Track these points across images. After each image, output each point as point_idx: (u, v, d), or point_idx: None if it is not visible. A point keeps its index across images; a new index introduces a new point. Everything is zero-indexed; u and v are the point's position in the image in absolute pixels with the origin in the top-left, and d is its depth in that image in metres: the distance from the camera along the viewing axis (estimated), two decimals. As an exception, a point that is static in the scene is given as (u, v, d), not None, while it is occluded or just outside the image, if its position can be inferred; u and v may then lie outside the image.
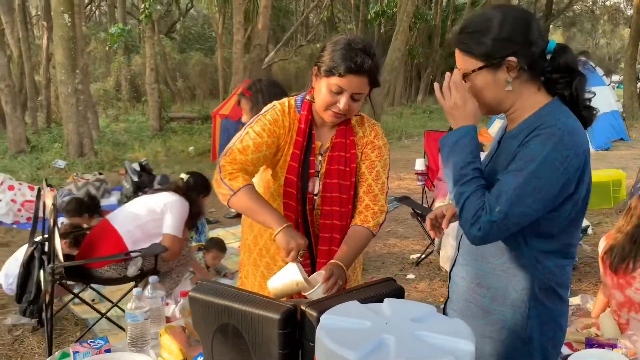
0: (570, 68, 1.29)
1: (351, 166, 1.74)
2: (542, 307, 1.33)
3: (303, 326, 1.28)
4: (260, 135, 1.68)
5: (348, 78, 1.59)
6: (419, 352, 0.93)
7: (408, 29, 11.59)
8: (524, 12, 1.33)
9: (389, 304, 1.13)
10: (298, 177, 1.71)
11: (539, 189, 1.21)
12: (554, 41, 1.31)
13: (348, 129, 1.75)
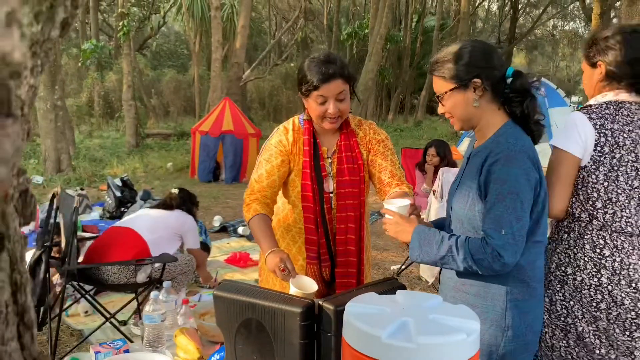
0: (524, 90, 1.54)
1: (358, 163, 1.95)
2: (517, 299, 1.54)
3: (321, 319, 1.44)
4: (269, 160, 1.94)
5: (324, 87, 1.81)
6: (435, 330, 1.11)
7: (380, 51, 11.98)
8: (488, 45, 1.61)
9: (402, 295, 1.31)
10: (312, 180, 1.92)
11: (521, 201, 1.44)
12: (512, 67, 1.54)
13: (349, 132, 1.97)
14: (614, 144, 1.63)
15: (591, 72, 1.77)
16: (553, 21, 30.70)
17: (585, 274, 1.68)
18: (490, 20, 30.59)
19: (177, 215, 3.47)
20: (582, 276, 1.69)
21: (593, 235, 1.67)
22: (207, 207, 6.69)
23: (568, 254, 1.73)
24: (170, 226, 3.37)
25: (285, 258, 1.74)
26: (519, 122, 1.55)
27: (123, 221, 3.47)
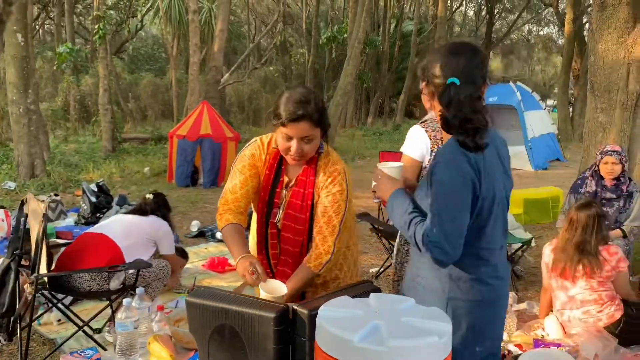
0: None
1: (307, 202, 1.94)
2: (458, 298, 1.60)
3: (295, 323, 1.44)
4: (243, 171, 1.97)
5: (291, 126, 1.80)
6: (407, 333, 1.11)
7: (359, 55, 12.04)
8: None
9: (375, 298, 1.31)
10: (264, 204, 1.99)
11: (455, 202, 1.50)
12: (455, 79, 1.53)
13: (311, 168, 1.94)
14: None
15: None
16: (528, 26, 31.31)
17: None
18: (467, 25, 31.02)
19: (151, 220, 3.43)
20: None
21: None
22: (184, 212, 6.62)
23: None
24: (145, 232, 3.33)
25: (254, 262, 1.78)
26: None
27: (96, 227, 3.40)
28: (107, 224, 3.34)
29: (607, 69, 4.86)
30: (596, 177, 3.91)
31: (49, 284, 2.85)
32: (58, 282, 2.94)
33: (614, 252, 3.09)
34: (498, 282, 1.65)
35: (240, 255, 1.82)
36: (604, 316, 3.07)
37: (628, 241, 3.79)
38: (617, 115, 4.79)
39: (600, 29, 4.92)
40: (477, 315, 1.62)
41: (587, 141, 5.19)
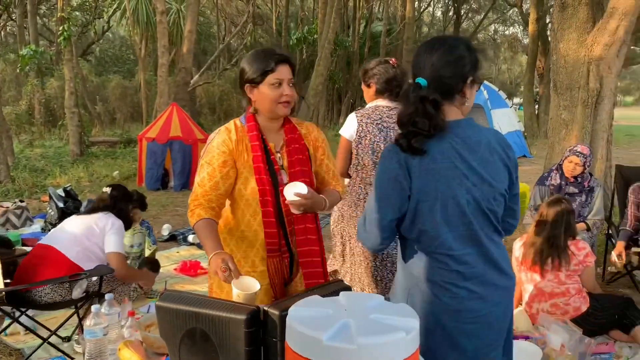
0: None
1: (305, 154, 2.02)
2: (415, 297, 1.60)
3: (266, 325, 1.44)
4: (210, 162, 1.91)
5: (279, 69, 1.88)
6: (376, 330, 1.13)
7: (329, 56, 12.09)
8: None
9: (345, 296, 1.32)
10: (266, 174, 1.92)
11: (380, 197, 1.57)
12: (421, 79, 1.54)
13: (292, 127, 2.03)
14: (366, 130, 2.64)
15: (368, 90, 2.77)
16: (494, 26, 31.94)
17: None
18: (435, 25, 31.44)
19: (97, 218, 3.09)
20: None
21: (356, 184, 2.70)
22: (155, 216, 6.53)
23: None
24: (94, 234, 3.03)
25: (227, 259, 1.73)
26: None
27: (46, 237, 3.15)
28: (55, 234, 3.10)
29: (569, 67, 5.00)
30: (560, 171, 4.02)
31: (6, 298, 2.74)
32: (17, 295, 2.82)
33: (582, 247, 3.18)
34: (464, 293, 1.54)
35: (213, 252, 1.76)
36: (571, 308, 3.16)
37: (591, 234, 3.91)
38: (579, 113, 4.94)
39: (561, 29, 5.06)
40: (432, 319, 1.56)
41: (551, 138, 5.34)
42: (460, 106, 1.58)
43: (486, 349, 1.58)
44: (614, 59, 4.82)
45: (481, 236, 1.54)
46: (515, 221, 1.67)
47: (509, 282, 1.62)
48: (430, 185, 1.51)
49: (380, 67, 2.70)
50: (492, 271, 1.56)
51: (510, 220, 1.65)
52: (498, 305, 1.58)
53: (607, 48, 4.75)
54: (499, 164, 1.54)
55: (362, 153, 2.64)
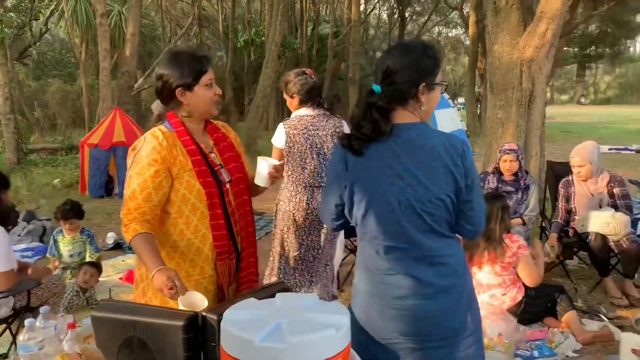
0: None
1: (234, 151, 2.07)
2: (361, 280, 1.71)
3: (205, 330, 1.45)
4: (141, 173, 1.85)
5: (210, 70, 1.94)
6: (307, 328, 1.17)
7: (277, 58, 12.10)
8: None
9: (281, 298, 1.36)
10: (210, 176, 1.93)
11: (326, 185, 1.76)
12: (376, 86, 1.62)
13: (214, 127, 2.07)
14: (294, 140, 2.96)
15: (291, 100, 3.04)
16: (438, 28, 32.89)
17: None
18: (381, 28, 32.04)
19: None
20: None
21: (289, 184, 3.05)
22: (100, 224, 6.35)
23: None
24: None
25: (173, 276, 1.69)
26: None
27: None
28: None
29: (503, 69, 5.24)
30: (497, 174, 4.22)
31: None
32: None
33: (516, 240, 3.35)
34: (392, 279, 1.61)
35: (155, 268, 1.71)
36: (508, 299, 3.32)
37: (527, 228, 4.12)
38: (513, 112, 5.18)
39: (495, 32, 5.30)
40: (358, 300, 1.70)
41: (489, 136, 5.57)
42: (415, 111, 1.61)
43: (414, 341, 1.61)
44: (544, 61, 5.09)
45: (413, 235, 1.58)
46: (472, 227, 1.63)
47: (450, 281, 1.62)
48: (362, 182, 1.61)
49: (300, 78, 2.98)
50: (425, 268, 1.59)
51: (465, 225, 1.62)
52: (430, 300, 1.60)
53: (538, 50, 5.01)
54: (441, 170, 1.55)
55: (292, 160, 3.00)
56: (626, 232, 3.74)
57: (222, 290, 2.01)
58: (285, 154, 2.99)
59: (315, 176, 3.02)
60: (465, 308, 1.66)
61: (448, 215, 1.58)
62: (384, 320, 1.62)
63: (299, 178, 3.02)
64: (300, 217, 3.04)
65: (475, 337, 1.68)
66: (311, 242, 3.12)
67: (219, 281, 1.98)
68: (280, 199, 3.12)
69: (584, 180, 4.06)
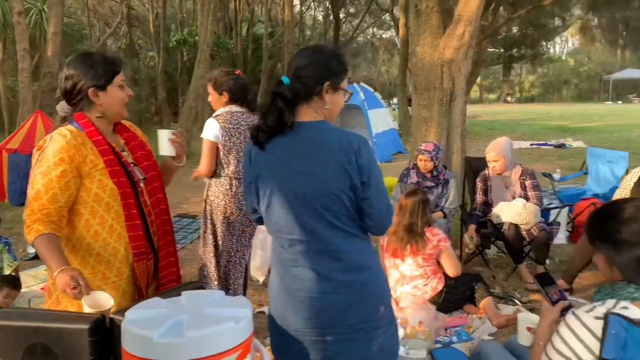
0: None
1: (146, 149, 2.09)
2: (272, 277, 1.79)
3: (112, 332, 1.44)
4: (47, 173, 1.81)
5: (122, 72, 1.95)
6: (207, 322, 1.20)
7: (210, 58, 11.94)
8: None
9: (186, 295, 1.38)
10: (123, 176, 1.91)
11: (244, 177, 1.81)
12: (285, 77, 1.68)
13: (123, 126, 2.07)
14: (230, 134, 3.08)
15: (219, 97, 3.15)
16: (372, 30, 33.58)
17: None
18: (317, 28, 32.32)
19: None
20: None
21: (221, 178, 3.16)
22: (19, 234, 6.01)
23: None
24: None
25: (76, 275, 1.66)
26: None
27: None
28: None
29: (426, 69, 5.45)
30: (416, 169, 4.40)
31: None
32: None
33: (436, 233, 3.52)
34: (295, 271, 1.65)
35: (58, 268, 1.66)
36: (429, 289, 3.48)
37: (448, 221, 4.33)
38: (436, 111, 5.41)
39: (417, 34, 5.51)
40: (271, 293, 1.77)
41: (414, 135, 5.77)
42: (318, 109, 1.66)
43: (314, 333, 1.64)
44: (463, 61, 5.34)
45: (314, 229, 1.61)
46: (373, 223, 1.66)
47: (351, 277, 1.64)
48: (265, 176, 1.68)
49: (230, 77, 3.13)
50: (326, 262, 1.63)
51: (367, 221, 1.65)
52: (329, 294, 1.62)
53: (457, 51, 5.25)
54: (336, 166, 1.58)
55: (228, 154, 3.09)
56: (536, 221, 4.01)
57: (141, 292, 1.99)
58: (221, 147, 3.08)
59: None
60: (373, 303, 1.67)
61: (346, 211, 1.61)
62: (289, 311, 1.67)
63: (235, 171, 3.12)
64: (236, 210, 3.15)
65: (387, 332, 1.70)
66: (245, 235, 3.27)
67: (137, 282, 1.96)
68: (211, 195, 3.17)
69: (499, 174, 4.31)
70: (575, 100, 41.10)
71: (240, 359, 1.20)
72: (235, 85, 3.13)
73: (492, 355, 1.90)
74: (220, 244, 3.20)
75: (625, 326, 1.29)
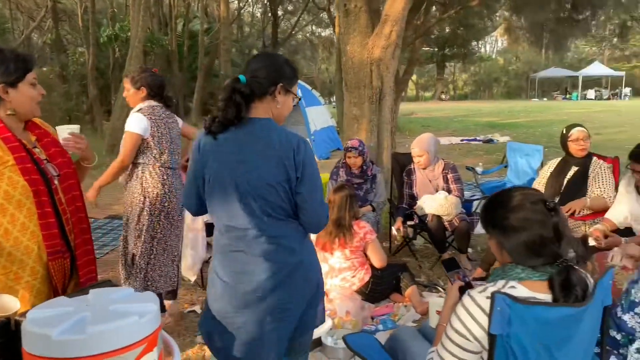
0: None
1: (59, 146, 2.05)
2: (213, 262, 1.92)
3: (17, 334, 1.42)
4: None
5: (34, 70, 1.92)
6: (110, 318, 1.21)
7: (143, 54, 11.60)
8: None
9: (94, 293, 1.38)
10: (36, 173, 1.87)
11: (190, 163, 1.91)
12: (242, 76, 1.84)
13: (33, 123, 2.03)
14: (158, 125, 3.13)
15: (137, 92, 3.19)
16: (311, 27, 33.73)
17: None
18: (255, 25, 32.09)
19: None
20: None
21: (156, 168, 3.19)
22: None
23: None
24: None
25: None
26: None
27: None
28: None
29: (356, 68, 5.59)
30: (345, 167, 4.52)
31: None
32: None
33: (363, 226, 3.63)
34: (232, 256, 1.80)
35: None
36: (357, 280, 3.59)
37: (376, 214, 4.47)
38: (366, 109, 5.56)
39: (347, 33, 5.63)
40: (210, 276, 1.86)
41: (346, 132, 5.91)
42: (270, 108, 1.83)
43: (243, 314, 1.79)
44: (391, 60, 5.52)
45: (250, 216, 1.75)
46: (306, 217, 1.81)
47: (287, 259, 1.80)
48: (211, 165, 1.80)
49: (148, 73, 3.22)
50: (263, 246, 1.77)
51: (301, 216, 1.81)
52: (258, 276, 1.77)
53: (384, 50, 5.42)
54: (276, 161, 1.74)
55: (160, 143, 3.16)
56: (457, 212, 4.23)
57: (57, 292, 1.96)
58: (151, 139, 3.13)
59: (176, 159, 3.32)
60: (303, 286, 1.85)
61: (281, 201, 1.77)
62: (226, 293, 1.81)
63: (168, 160, 3.21)
64: (173, 197, 3.25)
65: (313, 313, 1.91)
66: (180, 225, 3.38)
67: (53, 282, 1.93)
68: (148, 186, 3.18)
69: (423, 168, 4.50)
70: (505, 98, 43.24)
71: (145, 352, 1.22)
72: (154, 81, 3.21)
73: (404, 339, 2.01)
74: (158, 234, 3.23)
75: (509, 303, 1.42)
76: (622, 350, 1.89)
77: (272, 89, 1.80)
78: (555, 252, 1.51)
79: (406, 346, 1.95)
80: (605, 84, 40.43)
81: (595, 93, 37.36)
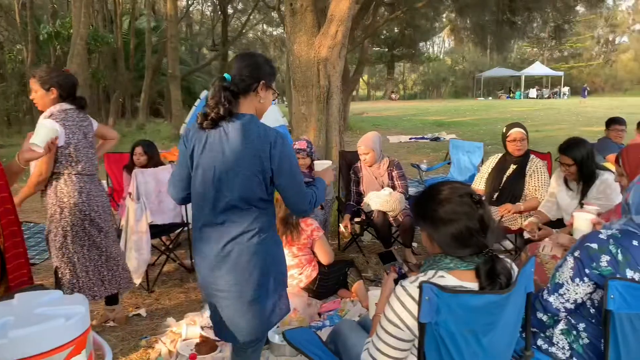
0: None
1: None
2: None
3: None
4: None
5: None
6: (35, 321, 1.18)
7: (85, 52, 11.20)
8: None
9: (19, 297, 1.34)
10: None
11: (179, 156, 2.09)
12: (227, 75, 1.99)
13: None
14: (71, 132, 2.95)
15: (47, 93, 2.93)
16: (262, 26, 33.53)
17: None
18: (205, 24, 31.59)
19: None
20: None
21: (72, 177, 3.02)
22: None
23: None
24: None
25: None
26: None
27: None
28: None
29: (303, 67, 5.62)
30: None
31: None
32: None
33: (310, 224, 3.65)
34: (204, 233, 2.02)
35: None
36: (304, 277, 3.62)
37: (325, 212, 4.52)
38: (314, 107, 5.60)
39: (293, 32, 5.65)
40: (194, 252, 2.11)
41: (295, 131, 5.93)
42: (253, 103, 1.99)
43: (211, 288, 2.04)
44: (337, 60, 5.58)
45: (223, 200, 1.95)
46: (290, 205, 2.06)
47: (249, 241, 2.00)
48: (197, 154, 1.98)
49: (58, 73, 3.00)
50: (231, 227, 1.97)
51: (285, 202, 2.05)
52: (222, 255, 1.99)
53: (331, 50, 5.48)
54: (252, 152, 1.92)
55: (76, 151, 2.99)
56: (401, 208, 4.33)
57: None
58: (66, 147, 2.95)
59: (95, 164, 3.17)
60: (263, 266, 2.03)
61: (254, 189, 1.96)
62: (200, 267, 2.07)
63: (84, 167, 3.05)
64: (94, 204, 3.10)
65: (274, 299, 2.13)
66: (110, 230, 3.24)
67: None
68: (64, 196, 2.99)
69: (370, 166, 4.58)
70: (453, 97, 44.49)
71: (73, 355, 1.20)
72: (65, 82, 2.96)
73: (344, 332, 2.06)
74: (87, 241, 3.08)
75: (437, 292, 1.48)
76: (547, 332, 2.00)
77: (255, 86, 1.96)
78: (482, 243, 1.59)
79: (345, 338, 2.00)
80: (546, 84, 42.38)
81: (536, 92, 39.11)
